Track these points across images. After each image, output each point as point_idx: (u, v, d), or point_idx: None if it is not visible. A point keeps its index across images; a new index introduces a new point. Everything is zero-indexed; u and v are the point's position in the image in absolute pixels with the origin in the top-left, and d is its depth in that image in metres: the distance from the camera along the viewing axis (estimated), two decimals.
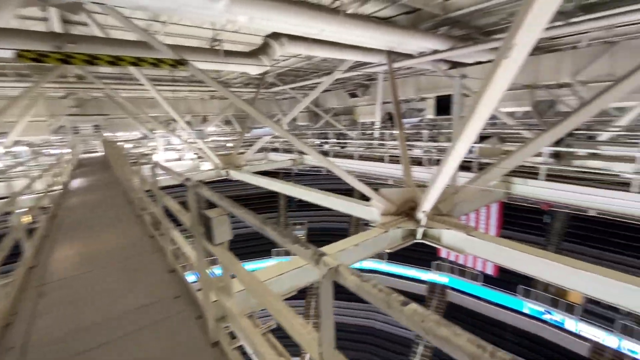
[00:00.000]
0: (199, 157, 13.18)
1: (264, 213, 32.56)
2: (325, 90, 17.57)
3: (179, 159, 13.01)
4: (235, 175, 10.27)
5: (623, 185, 5.15)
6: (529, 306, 21.33)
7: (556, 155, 5.97)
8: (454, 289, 26.22)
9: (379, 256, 26.98)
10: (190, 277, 2.79)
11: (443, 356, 22.71)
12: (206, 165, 12.30)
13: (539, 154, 5.82)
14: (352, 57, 7.17)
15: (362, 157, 10.41)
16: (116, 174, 7.97)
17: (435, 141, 8.43)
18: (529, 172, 5.82)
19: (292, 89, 14.65)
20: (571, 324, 19.46)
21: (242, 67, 7.20)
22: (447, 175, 3.13)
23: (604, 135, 6.43)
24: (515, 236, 24.15)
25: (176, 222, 2.94)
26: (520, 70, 8.06)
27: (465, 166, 6.92)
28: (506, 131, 7.75)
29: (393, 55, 7.42)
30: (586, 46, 7.77)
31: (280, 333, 1.75)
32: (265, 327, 2.05)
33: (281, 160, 13.32)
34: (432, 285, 27.66)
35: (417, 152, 8.53)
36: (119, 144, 9.73)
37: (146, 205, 3.81)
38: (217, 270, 1.96)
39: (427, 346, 23.20)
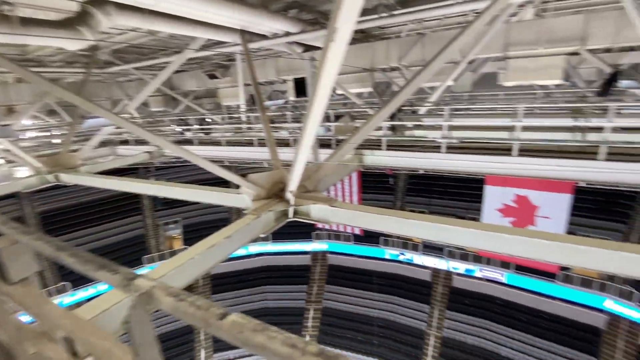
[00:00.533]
0: (9, 162, 9.90)
1: (124, 218, 27.74)
2: (180, 71, 15.74)
3: None
4: (68, 179, 8.17)
5: (437, 147, 6.64)
6: (389, 252, 25.97)
7: (392, 129, 7.22)
8: (333, 252, 29.29)
9: (263, 238, 27.30)
10: None
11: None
12: (22, 172, 9.35)
13: (380, 129, 6.91)
14: (202, 34, 6.57)
15: (230, 143, 9.97)
16: None
17: (298, 122, 8.83)
18: (374, 144, 6.85)
19: (137, 69, 12.47)
20: (417, 258, 24.81)
21: (52, 41, 5.59)
22: (305, 154, 3.31)
23: (422, 110, 8.15)
24: (373, 198, 28.59)
25: None
26: (361, 56, 9.12)
27: (325, 144, 7.58)
28: (356, 110, 8.86)
29: (247, 35, 7.19)
30: (406, 36, 9.47)
31: None
32: None
33: (134, 154, 11.40)
34: (315, 254, 30.04)
35: (283, 134, 8.77)
36: None
37: None
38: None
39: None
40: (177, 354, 25.92)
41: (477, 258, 22.30)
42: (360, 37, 10.79)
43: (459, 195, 25.72)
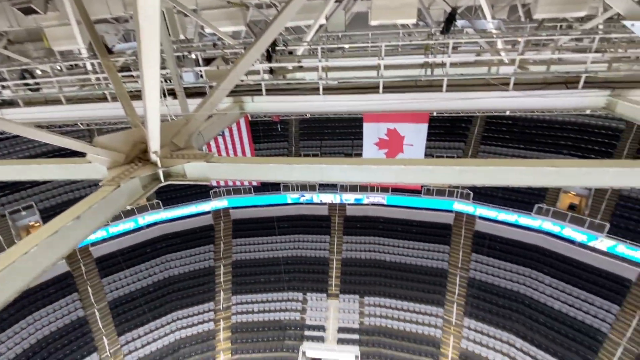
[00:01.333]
0: None
1: None
2: None
3: None
4: None
5: (317, 89, 6.70)
6: (290, 196, 27.08)
7: (271, 71, 6.89)
8: (235, 207, 28.84)
9: (153, 207, 24.66)
10: None
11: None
12: None
13: (257, 72, 6.50)
14: None
15: (74, 100, 7.95)
16: None
17: (164, 68, 7.53)
18: (254, 90, 6.47)
19: None
20: (315, 197, 26.69)
21: None
22: (153, 106, 2.82)
23: (300, 50, 7.95)
24: (267, 147, 28.44)
25: None
26: None
27: (199, 92, 6.78)
28: (230, 51, 8.03)
29: None
30: None
31: None
32: None
33: None
34: (217, 212, 29.05)
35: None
36: None
37: None
38: None
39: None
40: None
41: (364, 188, 25.41)
42: None
43: (346, 134, 27.83)
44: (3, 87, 8.48)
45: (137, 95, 6.90)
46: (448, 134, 26.12)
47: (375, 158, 4.43)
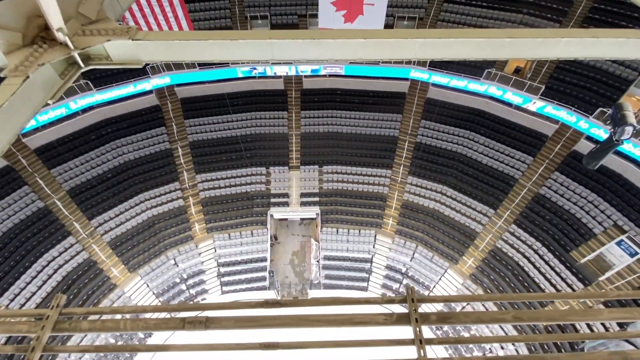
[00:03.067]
0: None
1: None
2: None
3: None
4: None
5: None
6: (241, 70, 24.82)
7: None
8: (180, 84, 26.27)
9: (81, 89, 21.59)
10: None
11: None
12: None
13: None
14: None
15: None
16: None
17: None
18: None
19: None
20: (269, 70, 24.76)
21: None
22: None
23: None
24: (203, 7, 23.95)
25: None
26: None
27: None
28: None
29: None
30: None
31: None
32: None
33: None
34: (160, 90, 26.53)
35: None
36: None
37: None
38: None
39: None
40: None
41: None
42: None
43: None
44: None
45: None
46: None
47: (333, 30, 3.90)
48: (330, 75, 26.11)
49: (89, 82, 21.97)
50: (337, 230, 26.97)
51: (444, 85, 24.18)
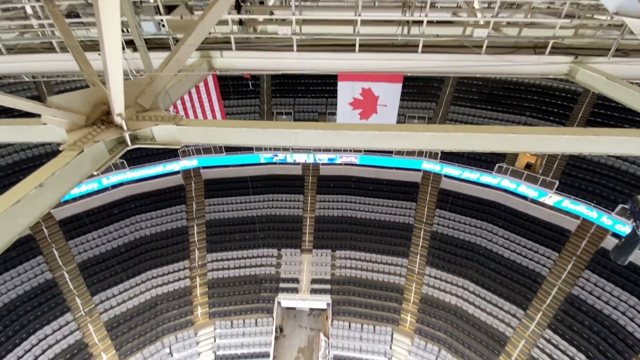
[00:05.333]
0: None
1: None
2: None
3: None
4: None
5: (290, 46, 6.38)
6: (264, 156, 26.74)
7: (240, 23, 6.40)
8: (205, 167, 28.15)
9: (117, 167, 23.50)
10: None
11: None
12: None
13: (225, 23, 6.01)
14: None
15: (15, 50, 7.01)
16: None
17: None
18: (223, 43, 6.03)
19: None
20: (289, 157, 26.56)
21: None
22: (115, 62, 2.59)
23: (271, 0, 7.37)
24: (238, 104, 27.28)
25: None
26: None
27: (161, 45, 6.22)
28: None
29: None
30: None
31: None
32: None
33: None
34: (187, 172, 28.31)
35: (95, 32, 6.62)
36: None
37: None
38: None
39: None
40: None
41: (337, 148, 25.55)
42: None
43: (320, 92, 27.13)
44: None
45: (90, 46, 6.25)
46: (420, 94, 26.29)
47: (350, 123, 4.46)
48: (346, 164, 27.60)
49: (124, 161, 24.02)
50: (350, 325, 24.62)
51: (457, 177, 24.90)
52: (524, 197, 23.71)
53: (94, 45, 6.34)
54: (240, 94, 27.05)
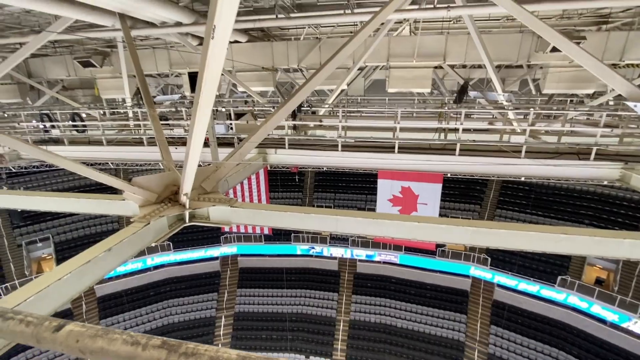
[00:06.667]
0: None
1: None
2: (42, 55, 12.96)
3: None
4: None
5: (335, 146, 7.14)
6: (300, 247, 26.71)
7: (294, 128, 7.47)
8: (243, 255, 28.50)
9: (163, 248, 24.76)
10: None
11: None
12: None
13: (282, 128, 7.07)
14: (68, 13, 5.55)
15: (114, 142, 8.69)
16: None
17: None
18: (278, 143, 6.97)
19: None
20: (326, 250, 26.20)
21: None
22: (196, 154, 3.17)
23: (322, 111, 8.66)
24: (282, 196, 28.96)
25: None
26: (262, 55, 9.09)
27: (227, 143, 7.34)
28: (258, 109, 8.83)
29: (129, 21, 6.38)
30: (304, 39, 9.87)
31: None
32: None
33: None
34: (224, 258, 28.72)
35: (178, 132, 8.11)
36: None
37: None
38: None
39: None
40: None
41: (376, 244, 24.87)
42: (261, 35, 10.75)
43: (359, 189, 28.19)
44: (53, 126, 9.42)
45: (170, 142, 7.51)
46: (463, 195, 26.06)
47: (390, 214, 4.63)
48: (385, 262, 26.31)
49: (170, 243, 25.38)
50: None
51: (512, 287, 22.18)
52: (601, 320, 19.87)
53: (173, 141, 7.70)
54: (285, 186, 29.02)
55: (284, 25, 9.02)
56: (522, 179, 6.85)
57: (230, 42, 9.16)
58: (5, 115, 12.74)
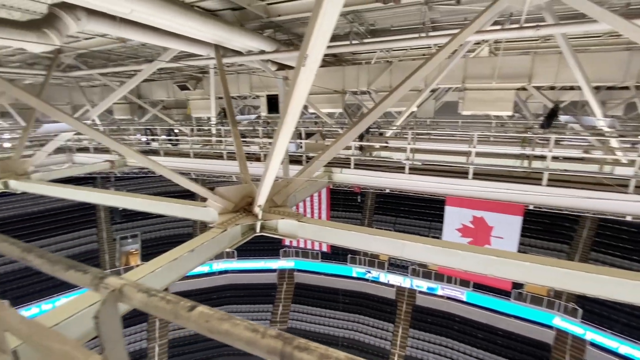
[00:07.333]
0: None
1: (77, 230, 25.81)
2: (150, 80, 15.38)
3: None
4: (18, 186, 7.56)
5: (400, 168, 6.98)
6: (356, 270, 26.14)
7: (360, 148, 7.53)
8: (300, 270, 28.92)
9: (228, 255, 26.48)
10: None
11: None
12: None
13: (349, 148, 7.18)
14: (175, 45, 6.56)
15: (198, 155, 9.78)
16: None
17: (270, 137, 8.91)
18: (343, 163, 7.09)
19: (103, 74, 12.03)
20: (383, 277, 25.17)
21: (15, 42, 5.30)
22: (274, 169, 3.39)
23: (389, 132, 8.58)
24: (342, 215, 28.94)
25: None
26: (333, 78, 9.51)
27: (296, 160, 7.71)
28: (326, 129, 9.15)
29: (222, 50, 7.28)
30: (375, 63, 10.05)
31: None
32: None
33: (94, 162, 10.80)
34: (282, 272, 29.50)
35: (254, 148, 8.78)
36: None
37: None
38: None
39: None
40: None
41: (439, 276, 23.06)
42: (333, 60, 11.28)
43: (422, 215, 26.77)
44: (153, 139, 11.02)
45: (246, 157, 8.14)
46: (548, 232, 22.83)
47: (463, 243, 4.27)
48: (449, 298, 24.14)
49: (235, 251, 27.06)
50: None
51: (611, 349, 18.36)
52: None
53: (247, 157, 8.39)
54: (346, 206, 29.04)
55: (357, 50, 9.32)
56: (628, 218, 5.75)
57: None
58: (117, 127, 15.32)
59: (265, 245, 27.93)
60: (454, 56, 7.12)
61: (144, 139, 12.13)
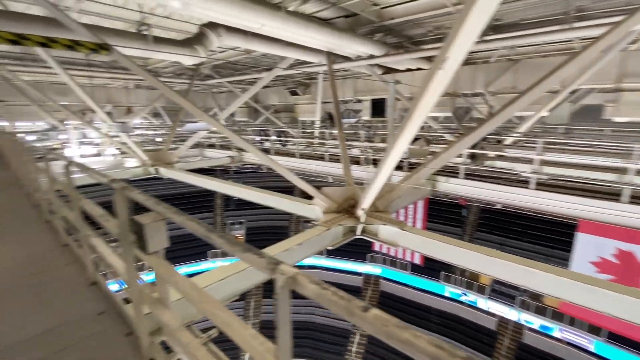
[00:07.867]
0: (122, 153, 11.85)
1: (198, 213, 30.84)
2: (266, 87, 17.24)
3: (98, 155, 11.52)
4: (165, 173, 9.48)
5: (523, 182, 6.07)
6: (449, 290, 23.92)
7: (472, 157, 6.81)
8: (386, 278, 28.10)
9: (319, 252, 27.60)
10: (113, 287, 2.49)
11: (378, 343, 24.52)
12: (131, 162, 11.13)
13: (459, 155, 6.57)
14: (293, 54, 7.16)
15: (303, 156, 10.48)
16: (16, 173, 6.72)
17: (371, 141, 8.91)
18: (450, 171, 6.53)
19: (230, 82, 14.06)
20: (482, 302, 22.37)
21: (174, 56, 6.66)
22: (386, 174, 3.35)
23: (508, 140, 7.53)
24: (438, 228, 26.88)
25: (94, 226, 2.59)
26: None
27: (398, 166, 7.47)
28: (431, 134, 8.60)
29: (332, 57, 7.61)
30: (495, 62, 8.97)
31: (220, 338, 1.68)
32: (206, 337, 1.95)
33: (218, 157, 12.72)
34: (367, 277, 29.23)
35: (354, 152, 8.91)
36: (18, 135, 8.18)
37: (57, 209, 3.28)
38: (146, 278, 1.79)
39: (362, 335, 24.48)
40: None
41: (557, 315, 19.18)
42: None
43: (540, 238, 22.69)
44: (266, 139, 12.33)
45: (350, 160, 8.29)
46: None
47: (611, 282, 3.35)
48: (569, 344, 19.83)
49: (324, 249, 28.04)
50: None
51: None
52: None
53: (351, 160, 8.58)
54: (444, 218, 26.90)
55: (475, 49, 8.49)
56: None
57: (412, 70, 9.43)
58: (238, 128, 17.68)
59: (353, 247, 28.04)
60: (609, 50, 5.78)
61: (257, 138, 13.67)
